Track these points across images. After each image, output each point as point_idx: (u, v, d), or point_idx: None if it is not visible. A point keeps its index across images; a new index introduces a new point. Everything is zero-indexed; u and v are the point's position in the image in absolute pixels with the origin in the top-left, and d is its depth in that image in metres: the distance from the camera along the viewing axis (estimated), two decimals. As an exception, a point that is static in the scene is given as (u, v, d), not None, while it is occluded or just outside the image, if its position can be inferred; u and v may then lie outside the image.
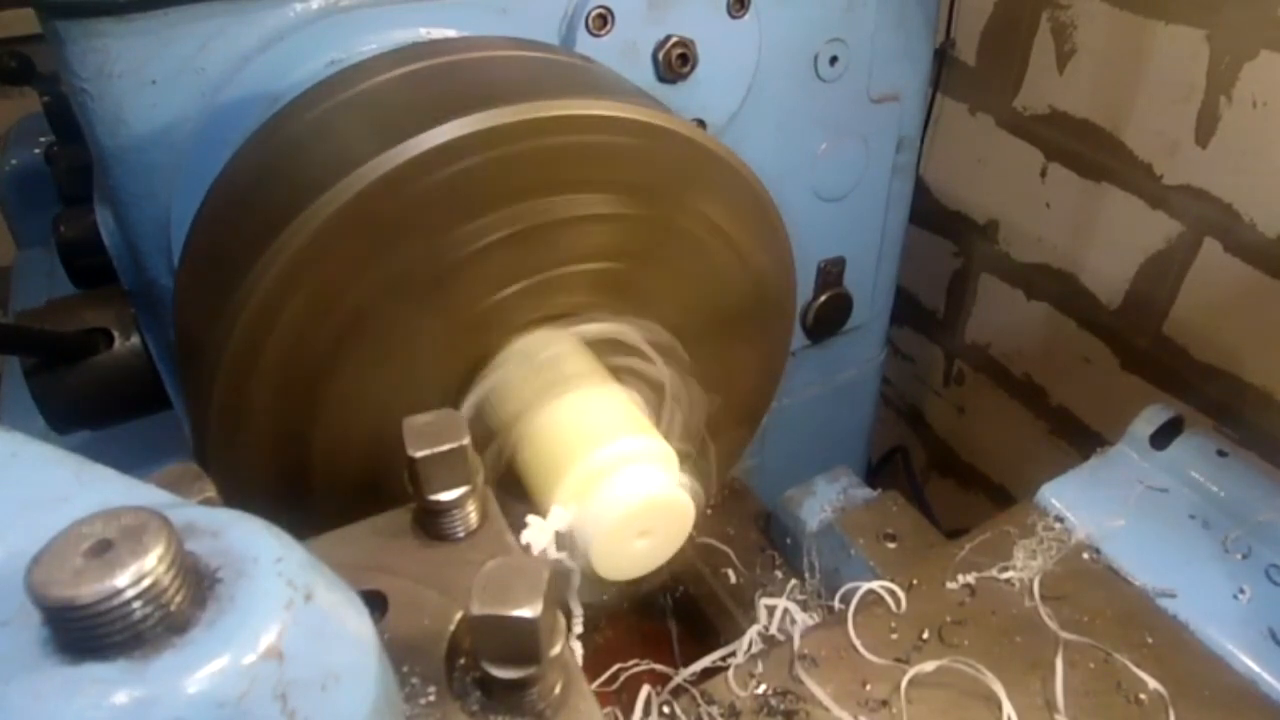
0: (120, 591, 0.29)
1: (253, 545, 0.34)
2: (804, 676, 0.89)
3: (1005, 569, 0.99)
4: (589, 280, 0.80)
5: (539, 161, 0.70)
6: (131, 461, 0.44)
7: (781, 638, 0.98)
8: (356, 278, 0.68)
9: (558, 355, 0.78)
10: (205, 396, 0.68)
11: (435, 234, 0.69)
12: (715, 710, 0.88)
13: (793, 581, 1.14)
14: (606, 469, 0.70)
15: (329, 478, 0.76)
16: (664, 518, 0.71)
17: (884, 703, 0.87)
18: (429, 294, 0.72)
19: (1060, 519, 1.04)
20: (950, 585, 0.97)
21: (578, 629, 0.72)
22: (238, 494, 0.66)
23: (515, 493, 0.75)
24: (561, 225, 0.74)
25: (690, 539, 0.74)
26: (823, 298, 1.36)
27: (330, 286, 0.67)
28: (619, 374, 0.80)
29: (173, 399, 1.00)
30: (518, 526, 0.64)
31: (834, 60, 1.14)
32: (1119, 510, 1.04)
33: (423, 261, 0.70)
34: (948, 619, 0.94)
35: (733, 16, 1.01)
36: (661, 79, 1.00)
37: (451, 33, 0.88)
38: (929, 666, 0.88)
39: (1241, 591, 0.96)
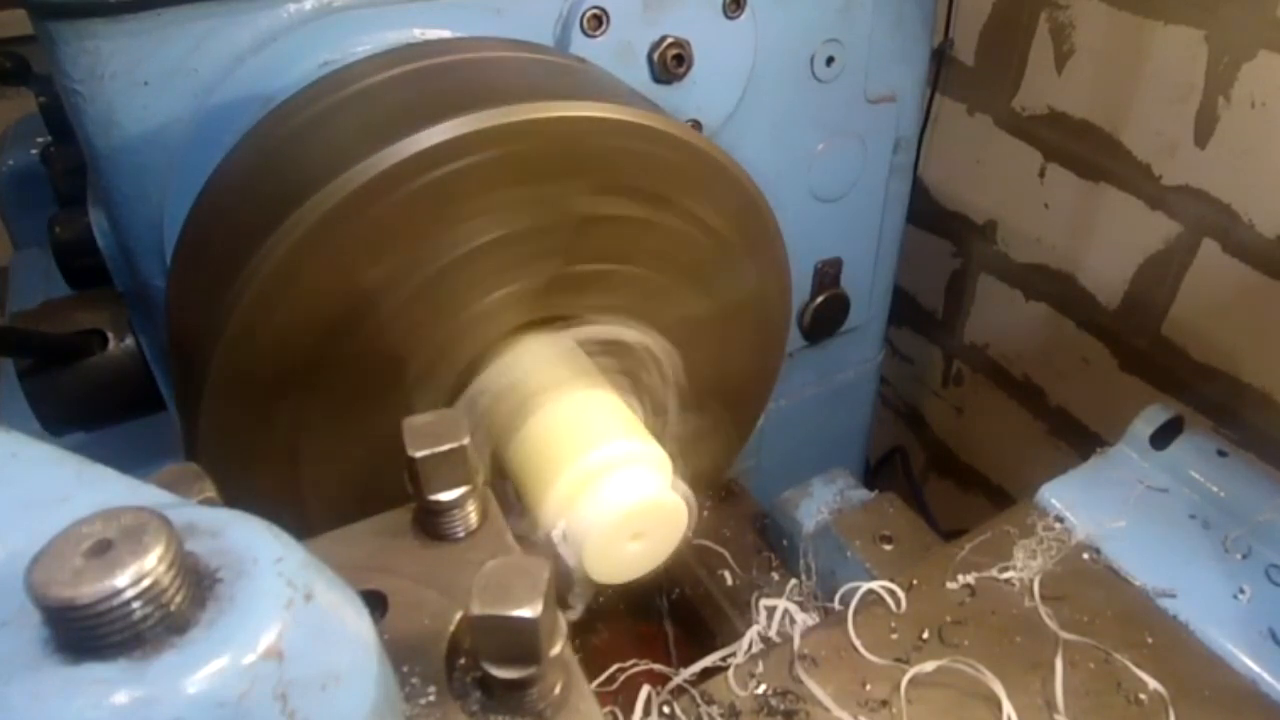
0: (120, 591, 0.29)
1: (253, 545, 0.34)
2: (804, 676, 0.88)
3: (1005, 569, 0.99)
4: (583, 282, 0.79)
5: (533, 162, 0.70)
6: (131, 461, 0.44)
7: (779, 640, 0.98)
8: (349, 278, 0.67)
9: (552, 358, 0.78)
10: (196, 398, 0.68)
11: (427, 235, 0.69)
12: (715, 710, 0.87)
13: (792, 581, 1.14)
14: (600, 472, 0.70)
15: (322, 478, 0.75)
16: (658, 521, 0.71)
17: (884, 703, 0.86)
18: (421, 295, 0.71)
19: (1060, 519, 1.04)
20: (950, 585, 0.97)
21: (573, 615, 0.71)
22: (231, 496, 0.66)
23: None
24: (555, 228, 0.74)
25: (685, 541, 0.74)
26: (820, 299, 1.35)
27: (323, 287, 0.67)
28: (613, 378, 0.80)
29: (166, 401, 1.00)
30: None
31: (830, 61, 1.14)
32: (1119, 510, 1.04)
33: (414, 263, 0.70)
34: (948, 619, 0.94)
35: (728, 17, 1.01)
36: (657, 80, 1.00)
37: (445, 33, 0.87)
38: (929, 666, 0.88)
39: (1241, 591, 0.96)
